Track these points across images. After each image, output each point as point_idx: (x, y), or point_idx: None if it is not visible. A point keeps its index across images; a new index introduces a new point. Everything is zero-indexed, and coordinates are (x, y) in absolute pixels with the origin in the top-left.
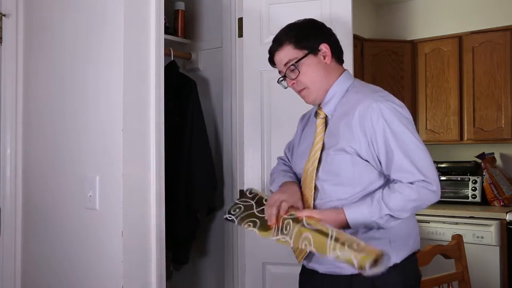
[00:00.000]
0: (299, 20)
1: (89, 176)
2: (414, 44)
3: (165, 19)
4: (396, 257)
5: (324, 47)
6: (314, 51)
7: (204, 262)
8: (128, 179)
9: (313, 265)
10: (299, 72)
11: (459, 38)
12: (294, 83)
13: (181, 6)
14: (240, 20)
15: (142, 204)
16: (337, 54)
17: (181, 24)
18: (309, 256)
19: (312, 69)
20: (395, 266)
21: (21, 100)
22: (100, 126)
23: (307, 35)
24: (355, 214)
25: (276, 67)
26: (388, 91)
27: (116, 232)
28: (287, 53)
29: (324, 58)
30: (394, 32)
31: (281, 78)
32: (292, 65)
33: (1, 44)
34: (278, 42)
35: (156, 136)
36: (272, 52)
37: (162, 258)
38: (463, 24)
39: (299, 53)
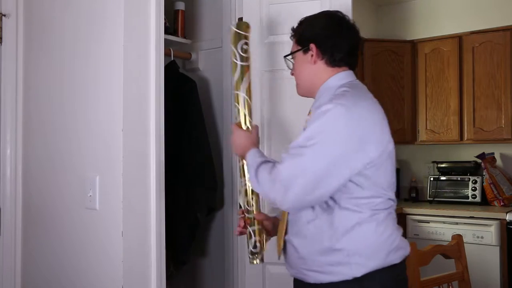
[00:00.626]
0: (319, 12)
1: (89, 176)
2: (414, 44)
3: (165, 19)
4: (356, 271)
5: (312, 47)
6: (304, 49)
7: (204, 262)
8: (128, 179)
9: (287, 267)
10: (292, 64)
11: (459, 38)
12: (292, 73)
13: (181, 6)
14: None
15: (142, 204)
16: (329, 56)
17: (181, 24)
18: (283, 256)
19: (299, 65)
20: (355, 279)
21: (21, 100)
22: (100, 126)
23: (306, 32)
24: (255, 153)
25: None
26: (388, 91)
27: (116, 232)
28: (292, 46)
29: (312, 57)
30: (394, 32)
31: None
32: (289, 55)
33: (1, 44)
34: (292, 33)
35: (156, 136)
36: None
37: (162, 258)
38: (463, 24)
39: (294, 48)
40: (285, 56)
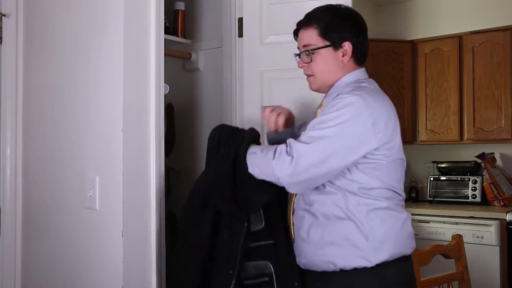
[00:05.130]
0: (339, 5)
1: (89, 176)
2: (414, 44)
3: (165, 19)
4: (374, 258)
5: (347, 46)
6: (336, 45)
7: None
8: (128, 179)
9: (298, 260)
10: (311, 60)
11: (459, 38)
12: (305, 66)
13: (181, 6)
14: (240, 20)
15: (142, 204)
16: (359, 55)
17: (181, 24)
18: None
19: (326, 62)
20: (371, 268)
21: (21, 100)
22: (100, 126)
23: (337, 27)
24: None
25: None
26: (388, 91)
27: (116, 232)
28: (310, 36)
29: (343, 56)
30: (394, 32)
31: (297, 56)
32: (308, 50)
33: (1, 44)
34: (307, 21)
35: (156, 136)
36: (298, 26)
37: (162, 258)
38: (463, 24)
39: (320, 42)
40: (310, 50)
